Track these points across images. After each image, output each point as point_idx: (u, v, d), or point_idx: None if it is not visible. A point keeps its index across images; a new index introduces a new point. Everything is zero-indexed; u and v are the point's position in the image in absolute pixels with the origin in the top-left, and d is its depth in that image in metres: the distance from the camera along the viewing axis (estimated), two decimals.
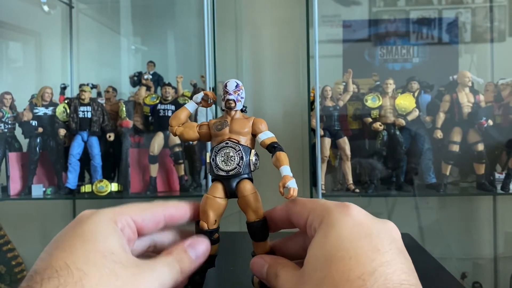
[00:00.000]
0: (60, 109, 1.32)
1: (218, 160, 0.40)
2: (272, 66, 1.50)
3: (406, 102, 1.26)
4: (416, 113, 1.26)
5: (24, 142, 1.36)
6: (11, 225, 1.37)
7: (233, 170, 0.39)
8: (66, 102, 1.33)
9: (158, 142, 1.29)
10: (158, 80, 1.46)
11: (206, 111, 1.25)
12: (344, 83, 1.32)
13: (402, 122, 1.25)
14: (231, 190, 0.40)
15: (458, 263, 1.42)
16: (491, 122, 1.23)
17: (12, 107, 1.33)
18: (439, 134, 1.24)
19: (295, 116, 1.42)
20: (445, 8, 1.53)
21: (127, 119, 1.33)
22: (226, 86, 0.41)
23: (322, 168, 1.23)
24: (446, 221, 1.46)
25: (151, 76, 1.44)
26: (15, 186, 1.32)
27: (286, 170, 0.38)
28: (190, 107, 0.44)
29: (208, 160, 0.41)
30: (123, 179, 1.33)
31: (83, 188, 1.30)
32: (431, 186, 1.26)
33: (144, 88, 1.41)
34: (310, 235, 0.35)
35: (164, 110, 1.30)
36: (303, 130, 1.34)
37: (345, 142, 1.27)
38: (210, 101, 0.43)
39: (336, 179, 1.34)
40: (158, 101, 1.32)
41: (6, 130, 1.31)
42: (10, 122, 1.31)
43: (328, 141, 1.26)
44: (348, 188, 1.26)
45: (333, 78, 1.39)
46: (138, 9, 1.69)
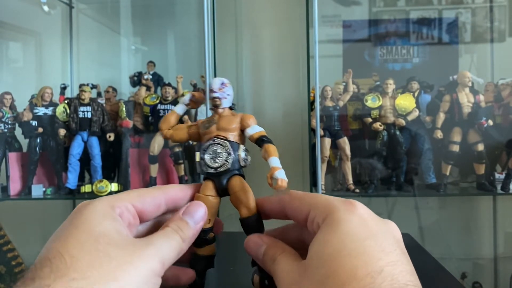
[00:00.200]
0: (60, 109, 1.32)
1: (206, 157, 0.40)
2: (272, 66, 1.49)
3: (406, 102, 1.26)
4: (416, 113, 1.26)
5: (24, 142, 1.36)
6: (11, 225, 1.36)
7: (221, 166, 0.39)
8: (66, 102, 1.33)
9: (158, 142, 1.29)
10: (158, 80, 1.46)
11: (206, 112, 1.24)
12: (344, 83, 1.32)
13: (402, 122, 1.25)
14: (222, 188, 0.39)
15: (458, 263, 1.42)
16: (491, 122, 1.23)
17: (12, 107, 1.33)
18: (439, 134, 1.24)
19: (295, 116, 1.42)
20: (445, 8, 1.53)
21: (127, 119, 1.33)
22: (211, 84, 0.42)
23: (322, 168, 1.23)
24: (446, 221, 1.46)
25: (151, 76, 1.44)
26: (15, 186, 1.32)
27: (274, 161, 0.38)
28: (179, 109, 0.44)
29: (197, 159, 0.40)
30: (123, 179, 1.33)
31: (83, 188, 1.29)
32: (431, 186, 1.26)
33: (144, 88, 1.41)
34: (311, 230, 0.34)
35: (164, 110, 1.30)
36: (303, 130, 1.34)
37: (345, 142, 1.27)
38: (197, 101, 0.44)
39: (336, 179, 1.34)
40: (158, 101, 1.32)
41: (6, 130, 1.31)
42: (10, 122, 1.31)
43: (328, 141, 1.26)
44: (348, 188, 1.26)
45: (333, 78, 1.39)
46: (138, 9, 1.69)
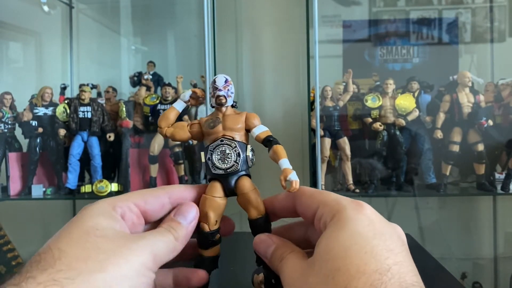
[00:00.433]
0: (60, 109, 1.32)
1: (214, 158, 0.39)
2: (272, 66, 1.49)
3: (406, 102, 1.26)
4: (416, 113, 1.26)
5: (24, 142, 1.36)
6: (11, 225, 1.36)
7: (231, 167, 0.38)
8: (66, 102, 1.33)
9: (158, 142, 1.29)
10: (158, 80, 1.46)
11: (206, 111, 1.25)
12: (344, 83, 1.32)
13: (402, 122, 1.25)
14: (230, 189, 0.39)
15: (458, 263, 1.42)
16: (491, 122, 1.23)
17: (12, 107, 1.33)
18: (439, 134, 1.24)
19: (295, 116, 1.42)
20: (445, 8, 1.53)
21: (127, 119, 1.33)
22: (215, 82, 0.40)
23: (322, 168, 1.23)
24: (446, 221, 1.46)
25: (151, 76, 1.44)
26: (15, 186, 1.32)
27: (286, 163, 0.37)
28: (179, 106, 0.42)
29: (203, 160, 0.40)
30: (123, 179, 1.33)
31: (83, 188, 1.29)
32: (431, 186, 1.26)
33: (144, 88, 1.41)
34: (318, 228, 0.34)
35: (164, 110, 1.30)
36: (303, 130, 1.34)
37: (345, 142, 1.27)
38: (199, 98, 0.43)
39: (336, 179, 1.34)
40: (158, 101, 1.32)
41: (6, 130, 1.31)
42: (10, 122, 1.31)
43: (328, 141, 1.26)
44: (348, 189, 1.26)
45: (333, 78, 1.39)
46: (138, 9, 1.69)
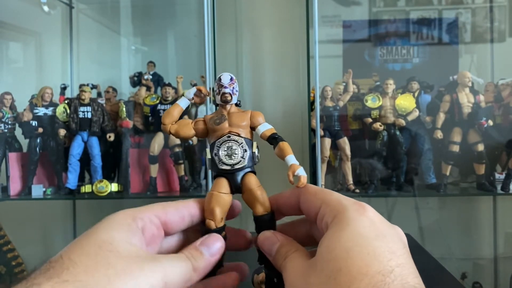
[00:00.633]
0: (60, 109, 1.32)
1: (221, 154, 0.39)
2: (272, 66, 1.49)
3: (406, 102, 1.26)
4: (416, 113, 1.26)
5: (24, 142, 1.36)
6: (11, 225, 1.36)
7: (237, 163, 0.39)
8: (66, 102, 1.33)
9: (158, 142, 1.29)
10: (158, 80, 1.46)
11: (207, 110, 1.25)
12: (344, 83, 1.32)
13: (402, 122, 1.24)
14: (236, 185, 0.39)
15: (458, 263, 1.42)
16: (491, 122, 1.23)
17: (12, 107, 1.33)
18: (439, 135, 1.24)
19: (295, 116, 1.42)
20: (445, 8, 1.53)
21: (127, 119, 1.33)
22: (220, 79, 0.40)
23: (322, 169, 1.23)
24: (446, 221, 1.46)
25: (151, 76, 1.44)
26: (15, 186, 1.32)
27: (292, 159, 0.38)
28: (183, 103, 0.42)
29: (209, 156, 0.39)
30: (123, 179, 1.33)
31: (83, 188, 1.29)
32: (431, 186, 1.26)
33: (144, 88, 1.41)
34: (320, 227, 0.34)
35: (164, 110, 1.30)
36: (303, 130, 1.34)
37: (345, 142, 1.27)
38: (202, 96, 0.42)
39: (336, 180, 1.34)
40: (158, 101, 1.32)
41: (6, 130, 1.31)
42: (10, 122, 1.31)
43: (328, 141, 1.26)
44: (348, 189, 1.26)
45: (333, 78, 1.39)
46: (138, 9, 1.69)
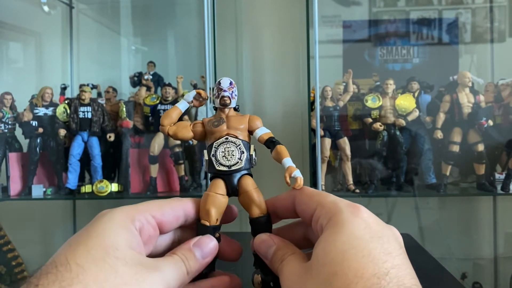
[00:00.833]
0: (60, 109, 1.32)
1: (218, 155, 0.39)
2: (272, 66, 1.49)
3: (406, 102, 1.26)
4: (416, 113, 1.26)
5: (24, 143, 1.36)
6: (11, 225, 1.36)
7: (235, 164, 0.39)
8: (66, 102, 1.33)
9: (158, 142, 1.29)
10: (158, 81, 1.46)
11: (207, 111, 1.25)
12: (344, 84, 1.32)
13: (402, 122, 1.24)
14: (232, 187, 0.39)
15: (458, 263, 1.42)
16: (491, 123, 1.23)
17: (12, 108, 1.33)
18: (439, 135, 1.24)
19: (295, 116, 1.42)
20: (445, 8, 1.53)
21: (127, 119, 1.33)
22: (220, 83, 0.41)
23: (322, 169, 1.23)
24: (446, 221, 1.45)
25: (151, 77, 1.44)
26: (15, 186, 1.32)
27: (289, 162, 0.38)
28: (182, 106, 0.43)
29: (206, 157, 0.40)
30: (123, 180, 1.33)
31: (83, 189, 1.29)
32: (431, 186, 1.26)
33: (144, 89, 1.41)
34: (315, 230, 0.34)
35: (164, 110, 1.30)
36: (303, 130, 1.34)
37: (345, 143, 1.27)
38: (201, 99, 0.43)
39: (336, 180, 1.34)
40: (158, 101, 1.32)
41: (6, 131, 1.31)
42: (10, 122, 1.31)
43: (328, 141, 1.26)
44: (348, 189, 1.26)
45: (333, 78, 1.39)
46: (138, 9, 1.69)
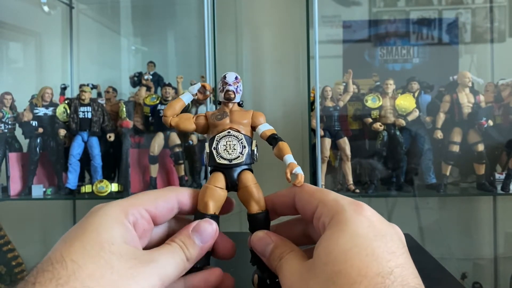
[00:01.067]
0: (60, 109, 1.32)
1: (220, 148, 0.39)
2: (272, 66, 1.49)
3: (406, 102, 1.26)
4: (416, 113, 1.26)
5: (24, 143, 1.36)
6: (11, 225, 1.36)
7: (236, 158, 0.39)
8: (66, 102, 1.33)
9: (158, 142, 1.29)
10: (158, 81, 1.46)
11: (207, 108, 1.25)
12: (344, 84, 1.32)
13: (402, 122, 1.24)
14: (232, 181, 0.39)
15: (458, 264, 1.42)
16: (491, 123, 1.23)
17: (12, 108, 1.33)
18: (439, 135, 1.24)
19: (295, 116, 1.42)
20: (445, 8, 1.53)
21: (127, 119, 1.33)
22: (225, 77, 0.41)
23: (322, 169, 1.23)
24: (446, 221, 1.45)
25: (151, 77, 1.44)
26: (15, 187, 1.32)
27: (291, 158, 0.38)
28: (186, 98, 0.43)
29: (207, 150, 0.40)
30: (123, 180, 1.33)
31: (83, 189, 1.29)
32: (431, 186, 1.25)
33: (144, 89, 1.41)
34: (317, 227, 0.34)
35: None
36: (303, 130, 1.34)
37: (345, 143, 1.27)
38: (206, 93, 0.43)
39: (336, 180, 1.34)
40: (158, 101, 1.32)
41: (6, 131, 1.31)
42: (10, 122, 1.31)
43: (328, 141, 1.26)
44: (348, 189, 1.26)
45: (333, 78, 1.39)
46: (138, 9, 1.69)
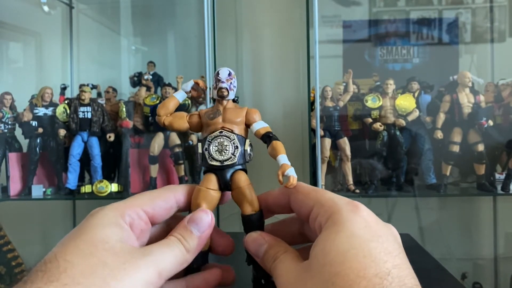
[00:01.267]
0: (60, 109, 1.32)
1: (211, 149, 0.38)
2: (272, 66, 1.49)
3: (406, 102, 1.26)
4: (416, 113, 1.26)
5: (24, 143, 1.36)
6: (11, 225, 1.36)
7: (227, 160, 0.38)
8: (66, 102, 1.33)
9: (158, 142, 1.29)
10: (158, 81, 1.46)
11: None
12: (344, 84, 1.32)
13: (402, 122, 1.24)
14: (225, 182, 0.38)
15: (458, 264, 1.42)
16: (491, 123, 1.23)
17: (12, 108, 1.33)
18: (439, 135, 1.24)
19: (295, 116, 1.42)
20: (445, 8, 1.53)
21: (127, 119, 1.33)
22: (218, 74, 0.40)
23: (322, 169, 1.23)
24: (446, 221, 1.45)
25: (151, 77, 1.44)
26: (15, 187, 1.32)
27: (284, 159, 0.37)
28: (179, 96, 0.42)
29: (200, 151, 0.39)
30: (123, 180, 1.33)
31: (83, 189, 1.29)
32: (431, 186, 1.25)
33: (144, 89, 1.41)
34: (313, 228, 0.34)
35: None
36: (303, 130, 1.34)
37: (345, 143, 1.27)
38: (200, 90, 0.42)
39: (336, 180, 1.34)
40: (158, 101, 1.32)
41: (6, 131, 1.31)
42: (10, 122, 1.31)
43: (328, 141, 1.26)
44: (348, 189, 1.26)
45: (333, 78, 1.39)
46: (138, 9, 1.68)
